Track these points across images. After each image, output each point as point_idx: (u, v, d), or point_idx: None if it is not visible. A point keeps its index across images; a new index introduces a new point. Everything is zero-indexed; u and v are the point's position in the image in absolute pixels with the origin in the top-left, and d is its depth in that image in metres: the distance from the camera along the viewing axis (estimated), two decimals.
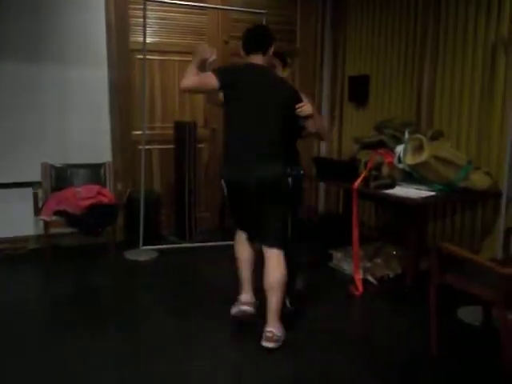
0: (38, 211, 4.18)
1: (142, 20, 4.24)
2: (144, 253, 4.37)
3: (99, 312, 3.31)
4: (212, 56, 2.86)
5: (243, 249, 3.08)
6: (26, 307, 3.36)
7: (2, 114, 4.21)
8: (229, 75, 2.81)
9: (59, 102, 4.38)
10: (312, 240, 4.67)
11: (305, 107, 2.91)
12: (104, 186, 4.39)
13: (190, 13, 4.78)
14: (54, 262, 4.12)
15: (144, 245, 4.41)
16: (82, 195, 4.04)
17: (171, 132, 4.75)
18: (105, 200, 4.10)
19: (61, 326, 3.09)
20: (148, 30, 4.40)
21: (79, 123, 4.46)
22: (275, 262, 2.84)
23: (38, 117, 4.32)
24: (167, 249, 4.51)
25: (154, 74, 4.75)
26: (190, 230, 4.75)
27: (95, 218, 3.97)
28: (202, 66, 2.84)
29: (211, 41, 4.90)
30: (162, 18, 4.68)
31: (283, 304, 2.95)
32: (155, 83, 4.78)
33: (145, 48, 4.24)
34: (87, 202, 3.99)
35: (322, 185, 5.54)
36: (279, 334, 2.83)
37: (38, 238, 4.39)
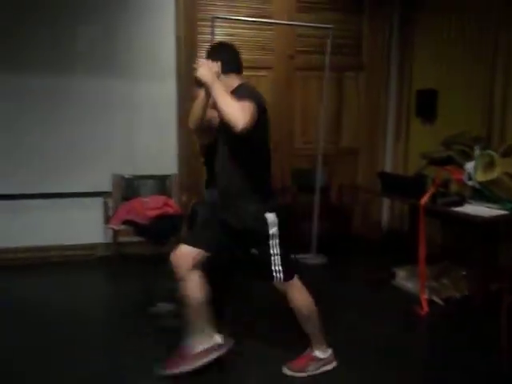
0: (107, 220, 4.35)
1: (209, 36, 4.36)
2: None
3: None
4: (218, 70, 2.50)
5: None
6: (96, 309, 3.50)
7: (75, 128, 4.45)
8: (260, 102, 2.44)
9: (128, 116, 4.57)
10: (374, 257, 4.59)
11: (201, 65, 2.42)
12: (170, 197, 4.52)
13: (257, 29, 4.85)
14: (121, 269, 4.27)
15: None
16: (150, 205, 4.17)
17: None
18: (170, 211, 4.21)
19: (128, 327, 3.20)
20: None
21: (147, 136, 4.63)
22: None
23: (109, 130, 4.53)
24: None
25: None
26: None
27: (161, 228, 4.08)
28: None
29: (277, 56, 4.97)
30: (229, 35, 4.78)
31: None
32: None
33: None
34: (154, 213, 4.11)
35: (386, 200, 5.43)
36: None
37: (106, 245, 4.57)
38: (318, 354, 2.74)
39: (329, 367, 2.75)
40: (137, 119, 4.59)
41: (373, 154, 5.38)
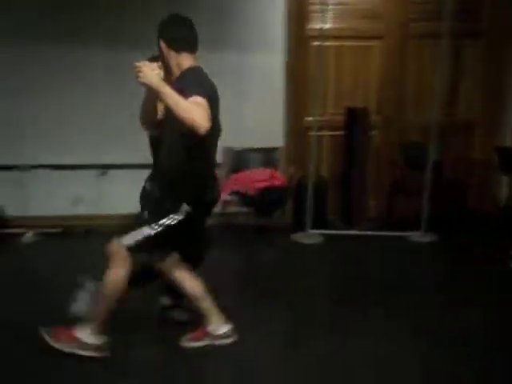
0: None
1: (319, 6, 4.28)
2: (310, 236, 4.46)
3: (268, 288, 3.48)
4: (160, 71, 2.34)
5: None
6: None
7: None
8: (210, 93, 2.40)
9: (237, 88, 4.61)
10: (489, 235, 4.33)
11: (143, 70, 2.18)
12: (276, 169, 4.57)
13: None
14: (229, 237, 4.42)
15: (311, 228, 4.50)
16: (257, 177, 4.27)
17: (342, 118, 4.74)
18: (277, 183, 4.27)
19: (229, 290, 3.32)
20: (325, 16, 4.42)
21: (255, 109, 4.67)
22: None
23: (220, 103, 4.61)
24: (333, 234, 4.54)
25: (329, 59, 4.76)
26: (357, 217, 4.71)
27: (268, 199, 4.17)
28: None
29: (388, 24, 4.77)
30: (340, 3, 4.65)
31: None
32: (329, 69, 4.79)
33: (323, 34, 4.28)
34: (261, 184, 4.20)
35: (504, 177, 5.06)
36: None
37: (215, 215, 4.73)
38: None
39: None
40: (245, 92, 4.65)
41: (491, 127, 5.03)
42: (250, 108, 4.67)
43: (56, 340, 2.58)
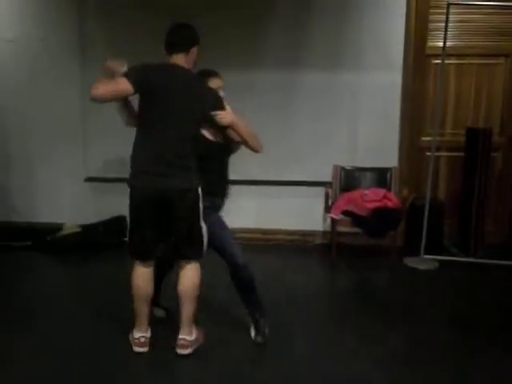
0: (327, 209, 4.49)
1: (441, 24, 4.15)
2: (424, 261, 4.27)
3: (376, 311, 3.41)
4: (122, 68, 2.58)
5: (148, 284, 2.77)
6: (313, 294, 3.67)
7: (299, 119, 4.62)
8: (143, 77, 2.58)
9: (351, 107, 4.59)
10: None
11: (225, 115, 2.72)
12: (389, 190, 4.45)
13: (493, 13, 4.46)
14: (338, 258, 4.37)
15: (425, 253, 4.32)
16: (369, 197, 4.18)
17: (462, 139, 4.52)
18: (390, 204, 4.14)
19: (342, 314, 3.29)
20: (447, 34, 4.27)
21: (369, 128, 4.60)
22: (191, 273, 2.74)
23: (332, 120, 4.60)
24: (449, 261, 4.31)
25: (450, 78, 4.60)
26: (475, 243, 4.44)
27: (380, 220, 4.06)
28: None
29: None
30: (462, 21, 4.48)
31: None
32: (449, 88, 4.62)
33: (444, 52, 4.13)
34: (373, 205, 4.10)
35: None
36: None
37: (324, 234, 4.72)
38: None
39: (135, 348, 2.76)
40: (360, 110, 4.61)
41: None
42: (363, 127, 4.61)
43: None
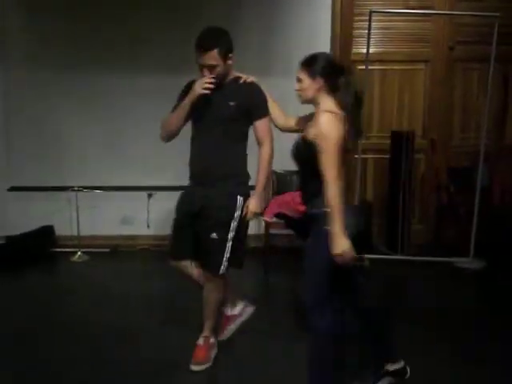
0: (261, 212, 4.51)
1: (365, 31, 4.30)
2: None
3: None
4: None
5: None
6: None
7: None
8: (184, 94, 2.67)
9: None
10: None
11: (250, 212, 2.80)
12: None
13: (414, 20, 4.69)
14: (271, 259, 4.41)
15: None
16: (300, 200, 4.24)
17: (388, 142, 4.70)
18: None
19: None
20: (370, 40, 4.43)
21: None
22: (209, 285, 2.78)
23: None
24: (377, 259, 4.46)
25: (374, 83, 4.77)
26: (402, 242, 4.63)
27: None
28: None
29: (435, 48, 4.74)
30: (384, 28, 4.67)
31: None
32: (374, 92, 4.79)
33: (368, 58, 4.29)
34: (305, 207, 4.16)
35: None
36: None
37: (258, 237, 4.75)
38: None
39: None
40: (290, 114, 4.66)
41: None
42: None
43: None
